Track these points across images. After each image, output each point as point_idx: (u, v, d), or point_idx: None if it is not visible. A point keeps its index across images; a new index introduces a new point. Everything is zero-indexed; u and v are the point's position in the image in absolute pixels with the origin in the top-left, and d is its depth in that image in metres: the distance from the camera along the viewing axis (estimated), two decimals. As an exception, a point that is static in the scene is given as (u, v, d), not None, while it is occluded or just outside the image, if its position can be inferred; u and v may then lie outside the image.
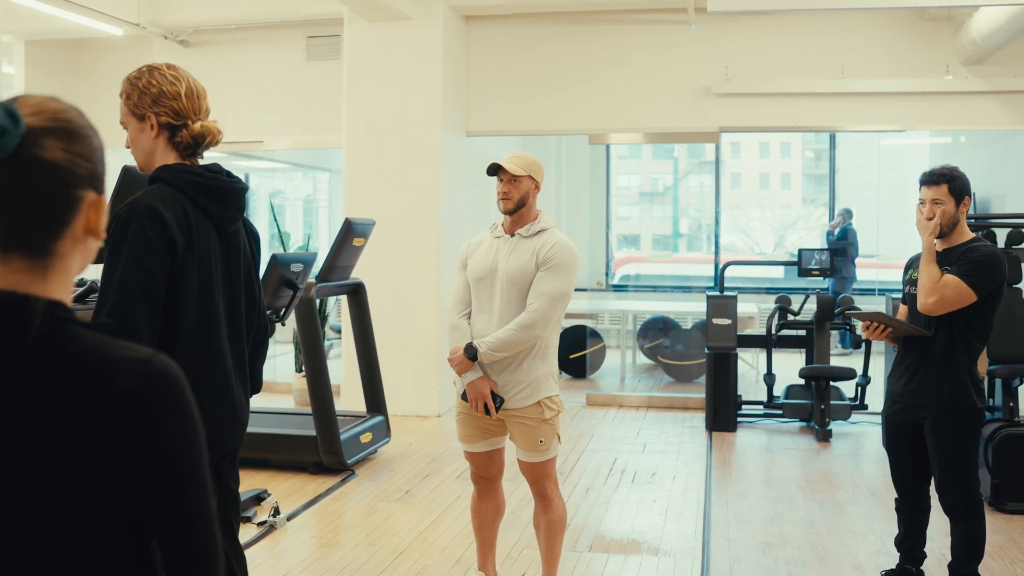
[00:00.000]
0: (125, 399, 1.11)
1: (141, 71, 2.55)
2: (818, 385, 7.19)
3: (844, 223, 11.26)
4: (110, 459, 1.11)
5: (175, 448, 1.14)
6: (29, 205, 1.11)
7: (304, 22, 8.50)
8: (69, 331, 1.14)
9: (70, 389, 1.10)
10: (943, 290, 3.63)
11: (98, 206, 1.17)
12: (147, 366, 1.14)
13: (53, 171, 1.12)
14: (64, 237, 1.15)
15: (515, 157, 3.76)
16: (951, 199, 3.71)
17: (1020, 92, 7.57)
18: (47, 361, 1.11)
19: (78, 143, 1.15)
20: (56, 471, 1.09)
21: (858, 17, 7.74)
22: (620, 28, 8.19)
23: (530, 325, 3.61)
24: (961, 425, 3.74)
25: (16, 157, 1.09)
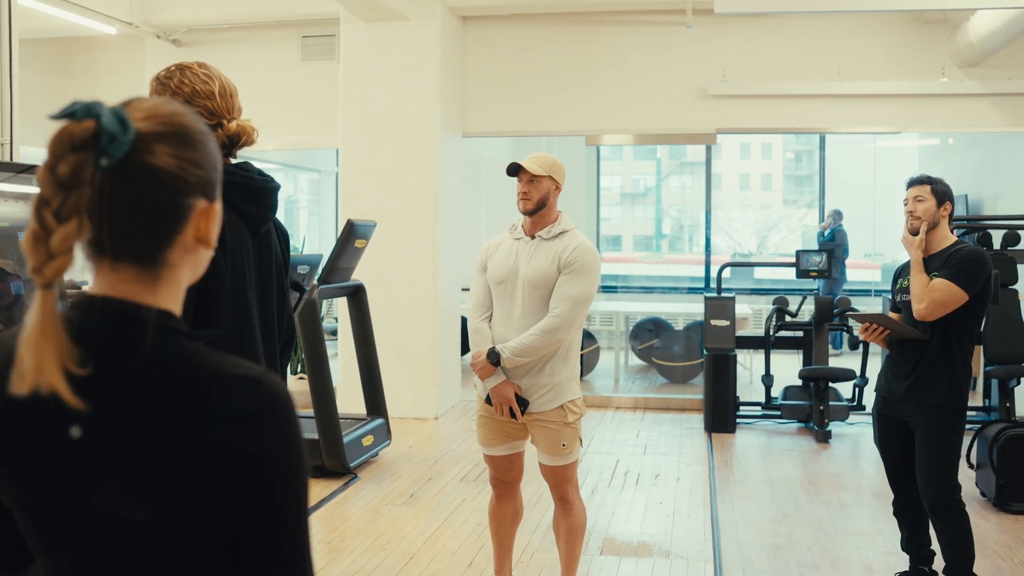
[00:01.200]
0: (234, 419, 1.07)
1: (171, 70, 2.50)
2: (817, 386, 7.21)
3: (834, 224, 11.31)
4: (214, 480, 1.07)
5: (281, 473, 1.10)
6: (138, 213, 1.07)
7: (299, 22, 8.45)
8: (180, 344, 1.11)
9: (179, 405, 1.07)
10: (932, 293, 3.72)
11: (209, 214, 1.13)
12: (258, 385, 1.09)
13: (163, 178, 1.08)
14: (174, 246, 1.11)
15: (536, 157, 3.73)
16: (932, 198, 3.84)
17: (1015, 94, 7.63)
18: (157, 374, 1.08)
19: (190, 149, 1.11)
20: (159, 490, 1.06)
21: (855, 19, 7.78)
22: (617, 29, 8.19)
23: (553, 329, 3.59)
24: (950, 423, 3.82)
25: (125, 163, 1.05)
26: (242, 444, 1.07)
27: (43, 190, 1.02)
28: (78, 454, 1.07)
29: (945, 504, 3.81)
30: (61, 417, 1.06)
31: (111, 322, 1.08)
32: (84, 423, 1.07)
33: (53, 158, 1.03)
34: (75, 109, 1.04)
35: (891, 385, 3.95)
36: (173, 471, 1.06)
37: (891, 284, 4.17)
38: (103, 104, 1.05)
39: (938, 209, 3.85)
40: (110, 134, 1.03)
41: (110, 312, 1.09)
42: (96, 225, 1.05)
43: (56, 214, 1.02)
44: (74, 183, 1.02)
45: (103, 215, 1.05)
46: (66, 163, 1.02)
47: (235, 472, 1.07)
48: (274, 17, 8.33)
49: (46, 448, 1.08)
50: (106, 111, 1.04)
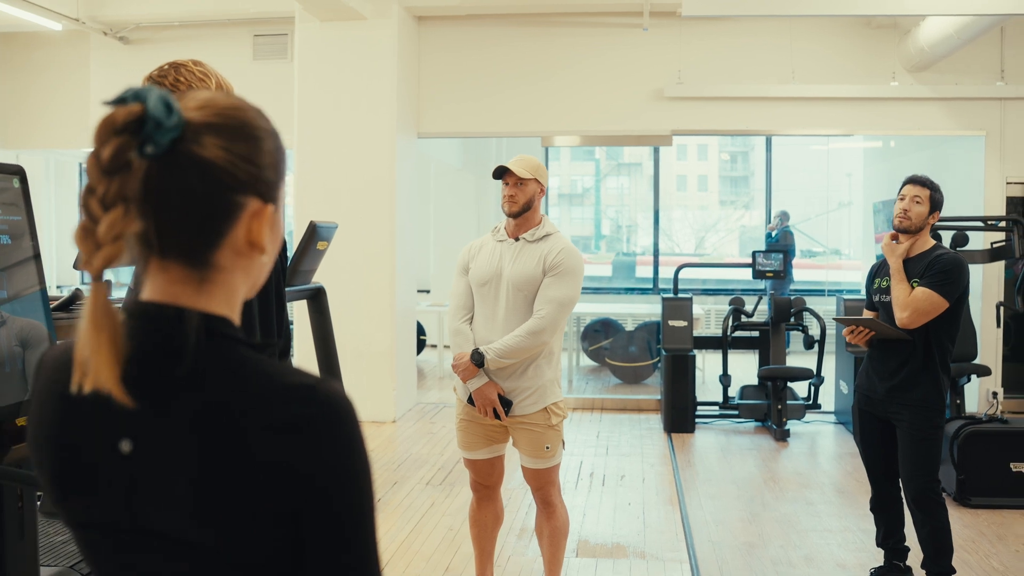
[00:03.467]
0: (290, 429, 1.00)
1: (164, 69, 2.43)
2: (775, 385, 7.30)
3: (782, 225, 11.48)
4: (270, 496, 0.99)
5: (341, 487, 1.02)
6: (184, 207, 1.01)
7: (251, 20, 8.30)
8: (232, 351, 1.05)
9: (230, 415, 1.00)
10: (915, 303, 3.82)
11: (261, 216, 1.06)
12: (315, 393, 1.02)
13: (209, 172, 1.01)
14: (223, 247, 1.04)
15: (521, 160, 3.71)
16: (928, 204, 3.91)
17: (961, 99, 7.82)
18: (205, 382, 1.02)
19: (243, 143, 1.04)
20: (212, 508, 0.99)
21: (809, 23, 7.90)
22: (573, 31, 8.20)
23: (538, 331, 3.57)
24: (931, 421, 3.91)
25: (173, 154, 0.99)
26: (298, 457, 0.99)
27: (90, 178, 0.98)
28: (129, 470, 1.01)
29: (927, 497, 3.89)
30: (113, 431, 1.01)
31: (156, 327, 1.03)
32: (135, 437, 1.01)
33: (98, 143, 0.97)
34: (126, 95, 0.98)
35: (873, 384, 4.02)
36: (226, 488, 0.99)
37: (867, 283, 4.25)
38: (154, 89, 0.99)
39: (929, 216, 3.92)
40: (155, 119, 0.97)
41: (154, 317, 1.03)
42: (143, 218, 0.99)
43: (102, 201, 0.96)
44: (117, 168, 0.96)
45: (148, 207, 0.99)
46: (109, 147, 0.96)
47: (292, 487, 0.99)
48: (225, 15, 8.17)
49: (98, 464, 1.03)
50: (153, 95, 0.98)
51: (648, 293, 12.84)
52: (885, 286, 4.04)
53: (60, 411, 1.05)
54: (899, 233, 3.99)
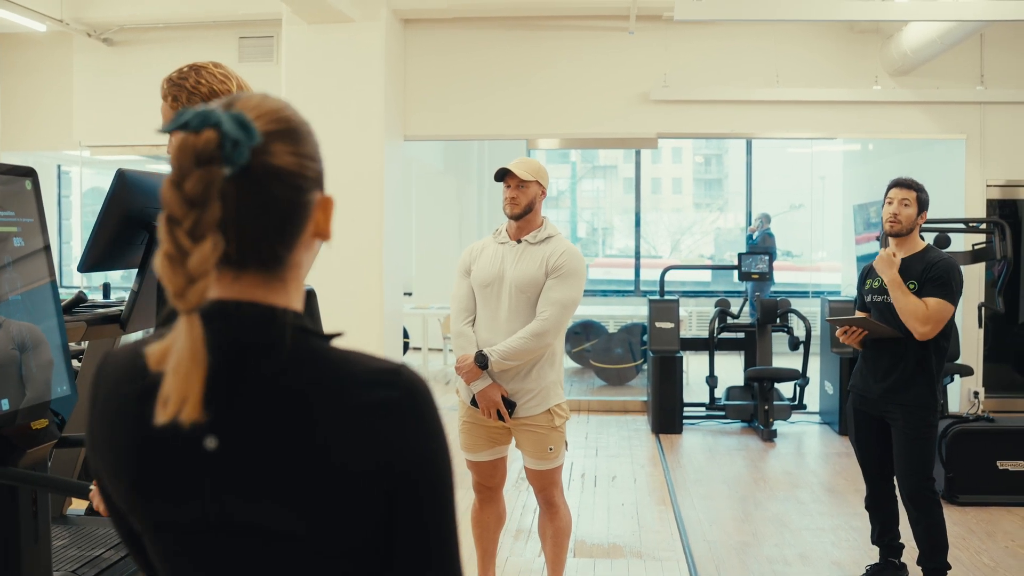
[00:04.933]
0: (379, 413, 1.02)
1: (184, 71, 2.43)
2: (762, 386, 7.37)
3: (763, 227, 11.57)
4: (362, 478, 1.02)
5: (433, 466, 1.05)
6: (264, 218, 1.02)
7: (236, 22, 8.26)
8: (314, 343, 1.06)
9: (321, 403, 1.02)
10: (935, 315, 3.87)
11: (325, 206, 1.09)
12: (399, 377, 1.05)
13: (285, 178, 1.03)
14: (298, 245, 1.07)
15: (524, 162, 3.73)
16: (916, 205, 3.98)
17: (942, 103, 7.92)
18: (297, 375, 1.03)
19: (303, 143, 1.06)
20: (306, 495, 1.01)
21: (793, 27, 7.97)
22: (559, 34, 8.23)
23: (542, 333, 3.59)
24: (926, 420, 3.97)
25: (247, 169, 1.00)
26: (388, 438, 1.02)
27: (171, 208, 0.96)
28: (216, 466, 1.02)
29: (922, 495, 3.95)
30: (196, 428, 1.01)
31: (248, 326, 1.04)
32: (220, 432, 1.02)
33: (179, 174, 0.96)
34: (188, 119, 0.98)
35: (868, 384, 4.08)
36: (320, 473, 1.01)
37: (859, 284, 4.30)
38: (216, 110, 0.99)
39: (918, 217, 3.99)
40: (233, 140, 0.98)
41: (246, 316, 1.04)
42: (225, 238, 1.00)
43: (190, 234, 0.96)
44: (205, 199, 0.96)
45: (230, 226, 1.00)
46: (194, 179, 0.96)
47: (381, 470, 1.02)
48: (211, 17, 8.13)
49: (183, 463, 1.04)
50: (225, 118, 0.98)
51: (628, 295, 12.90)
52: (877, 287, 4.10)
53: (136, 415, 1.05)
54: (891, 237, 4.05)
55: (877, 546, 4.29)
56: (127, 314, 3.79)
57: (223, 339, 1.02)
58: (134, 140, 8.53)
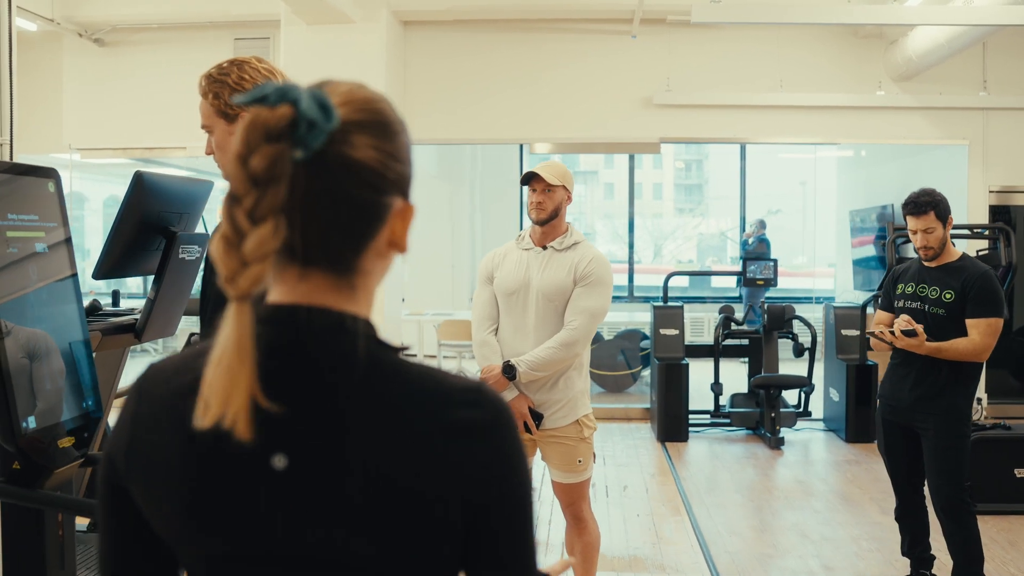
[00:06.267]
0: (464, 435, 0.94)
1: (225, 67, 2.29)
2: (769, 393, 7.29)
3: (758, 233, 11.52)
4: (446, 504, 0.93)
5: (516, 490, 0.97)
6: (334, 213, 0.92)
7: (231, 23, 8.11)
8: (390, 356, 0.96)
9: (401, 421, 0.93)
10: (990, 339, 3.82)
11: (406, 215, 0.98)
12: (481, 396, 0.96)
13: (362, 174, 0.93)
14: (368, 251, 0.96)
15: (551, 166, 3.62)
16: (939, 223, 3.89)
17: (945, 108, 7.89)
18: (374, 391, 0.93)
19: (390, 140, 0.96)
20: (381, 521, 0.91)
21: (796, 32, 7.92)
22: (562, 37, 8.14)
23: (571, 343, 3.49)
24: (958, 429, 3.89)
25: (321, 156, 0.90)
26: (472, 462, 0.94)
27: (234, 186, 0.89)
28: (284, 490, 0.92)
29: (957, 507, 3.86)
30: (262, 447, 0.91)
31: (317, 335, 0.94)
32: (290, 451, 0.92)
33: (246, 149, 0.88)
34: (267, 93, 0.89)
35: (898, 393, 3.99)
36: (399, 497, 0.91)
37: (888, 286, 4.20)
38: (299, 87, 0.90)
39: (945, 229, 3.91)
40: (309, 121, 0.89)
41: (315, 324, 0.94)
42: (289, 227, 0.91)
43: (250, 215, 0.88)
44: (270, 178, 0.88)
45: (295, 215, 0.91)
46: (261, 155, 0.88)
47: (466, 493, 0.93)
48: (206, 18, 7.98)
49: (244, 486, 0.93)
50: (305, 95, 0.89)
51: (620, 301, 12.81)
52: (911, 292, 4.01)
53: (191, 431, 0.93)
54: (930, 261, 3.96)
55: (908, 558, 4.21)
56: (143, 323, 3.65)
57: (287, 344, 0.93)
58: (126, 143, 8.36)
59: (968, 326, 3.85)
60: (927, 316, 3.91)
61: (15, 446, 2.32)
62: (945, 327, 3.87)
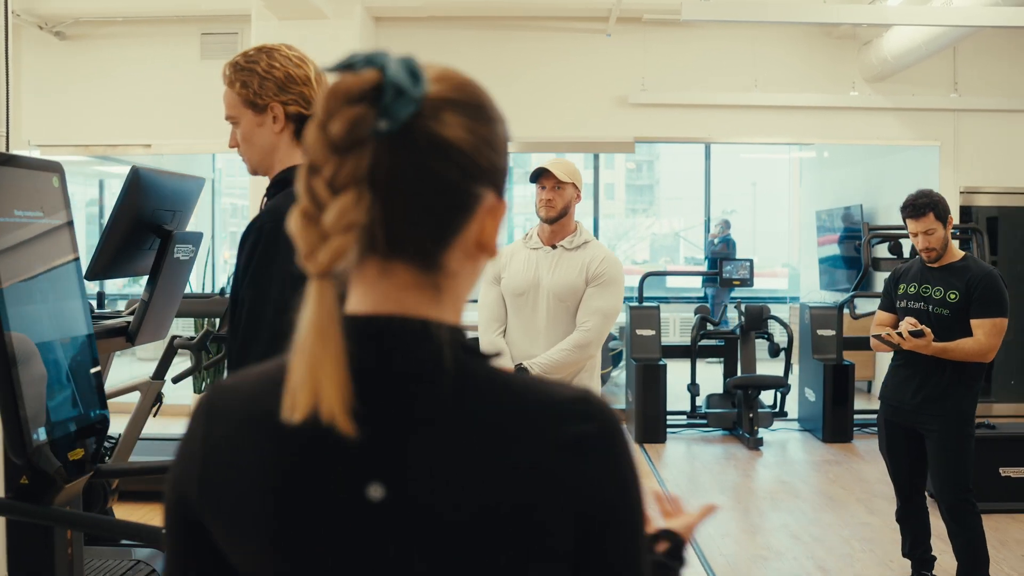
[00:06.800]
0: (575, 449, 0.85)
1: (252, 54, 2.17)
2: (746, 394, 7.28)
3: (724, 233, 11.56)
4: (557, 523, 0.84)
5: (630, 503, 0.89)
6: (418, 196, 0.83)
7: (198, 18, 7.91)
8: (485, 367, 0.88)
9: (504, 442, 0.84)
10: (995, 339, 3.81)
11: (497, 214, 0.89)
12: (591, 407, 0.88)
13: (450, 154, 0.84)
14: (454, 247, 0.87)
15: (560, 163, 3.54)
16: (939, 223, 3.87)
17: (917, 109, 7.96)
18: (467, 405, 0.84)
19: (485, 125, 0.87)
20: (488, 549, 0.83)
21: (771, 32, 7.93)
22: (535, 35, 8.06)
23: (585, 344, 3.41)
24: (963, 430, 3.88)
25: (408, 130, 0.82)
26: (587, 475, 0.85)
27: (312, 154, 0.82)
28: (382, 520, 0.83)
29: (962, 508, 3.86)
30: (354, 474, 0.83)
31: (398, 346, 0.85)
32: (386, 479, 0.83)
33: (325, 114, 0.82)
34: (354, 60, 0.82)
35: (901, 395, 3.97)
36: (506, 522, 0.83)
37: (890, 287, 4.18)
38: (388, 54, 0.83)
39: (946, 230, 3.89)
40: (396, 86, 0.81)
41: (395, 333, 0.85)
42: (369, 208, 0.82)
43: (330, 184, 0.81)
44: (351, 144, 0.81)
45: (377, 194, 0.82)
46: (340, 119, 0.81)
47: (581, 507, 0.85)
48: (173, 12, 7.77)
49: (335, 519, 0.84)
50: (392, 60, 0.82)
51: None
52: (913, 292, 3.99)
53: (270, 456, 0.85)
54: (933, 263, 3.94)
55: (909, 559, 4.20)
56: (136, 326, 3.49)
57: (368, 362, 0.84)
58: (88, 139, 8.11)
59: (973, 326, 3.84)
60: (931, 316, 3.90)
61: (25, 459, 2.18)
62: (949, 327, 3.86)
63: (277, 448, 0.85)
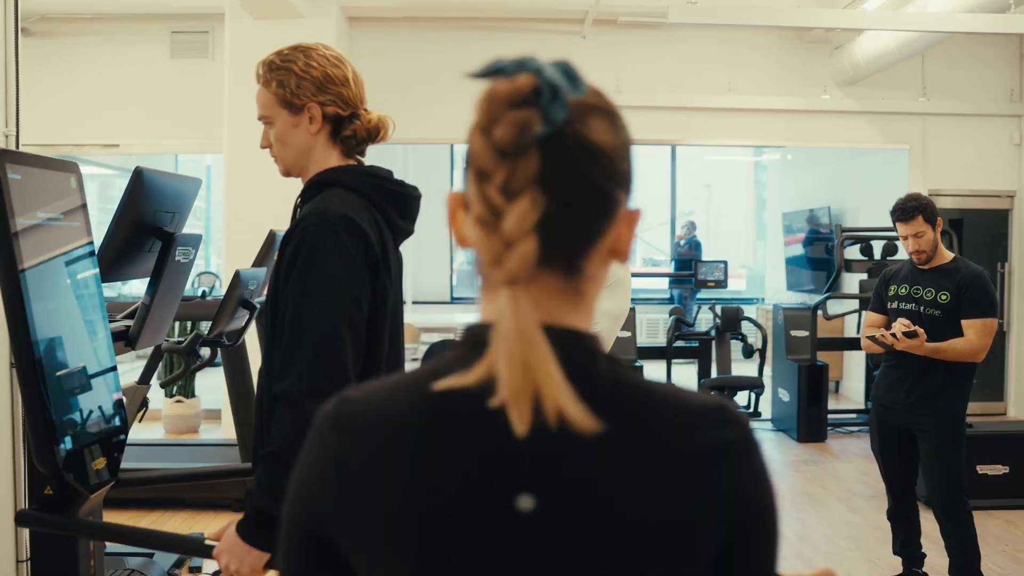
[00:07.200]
0: (717, 456, 0.85)
1: (287, 53, 2.11)
2: (722, 395, 7.34)
3: (690, 234, 11.66)
4: (703, 531, 0.85)
5: (769, 509, 0.90)
6: (572, 201, 0.83)
7: (168, 16, 7.80)
8: (629, 376, 0.87)
9: (655, 450, 0.84)
10: (985, 339, 3.87)
11: (632, 220, 0.89)
12: (727, 414, 0.88)
13: (600, 160, 0.84)
14: (594, 253, 0.87)
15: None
16: (928, 226, 3.94)
17: (887, 113, 8.09)
18: (620, 417, 0.84)
19: (622, 131, 0.88)
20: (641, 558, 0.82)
21: (746, 36, 8.00)
22: (510, 36, 8.05)
23: (594, 346, 3.40)
24: (955, 429, 3.95)
25: (559, 135, 0.82)
26: (728, 482, 0.86)
27: (480, 161, 0.82)
28: (531, 534, 0.82)
29: (955, 507, 3.92)
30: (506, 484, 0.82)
31: (573, 354, 0.84)
32: (537, 489, 0.82)
33: (488, 120, 0.82)
34: (503, 65, 0.84)
35: (894, 395, 4.03)
36: (655, 532, 0.83)
37: (880, 288, 4.23)
38: (535, 59, 0.84)
39: (935, 231, 3.96)
40: (554, 88, 0.81)
41: (557, 343, 0.83)
42: (543, 210, 0.82)
43: (503, 189, 0.81)
44: (519, 148, 0.81)
45: (547, 196, 0.82)
46: (506, 124, 0.81)
47: (725, 514, 0.85)
48: (142, 9, 7.64)
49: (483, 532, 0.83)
50: (546, 64, 0.83)
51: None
52: (904, 294, 4.05)
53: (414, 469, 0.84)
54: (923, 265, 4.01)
55: (900, 556, 4.26)
56: (137, 330, 3.42)
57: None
58: (54, 139, 7.93)
59: (964, 327, 3.90)
60: (922, 317, 3.96)
61: (54, 468, 2.12)
62: (941, 328, 3.92)
63: (421, 460, 0.84)
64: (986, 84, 8.20)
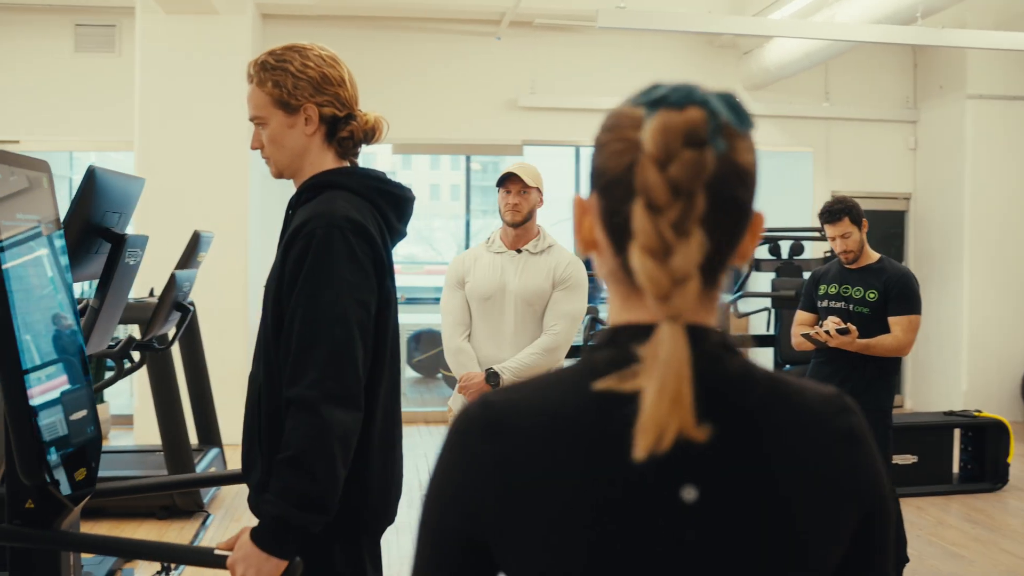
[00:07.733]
0: (851, 441, 0.91)
1: (281, 53, 2.05)
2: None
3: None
4: (848, 516, 0.90)
5: (887, 492, 0.95)
6: (726, 224, 0.88)
7: (72, 8, 7.49)
8: (764, 371, 0.93)
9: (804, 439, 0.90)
10: (911, 334, 4.06)
11: (758, 227, 0.94)
12: (848, 400, 0.94)
13: (748, 181, 0.89)
14: (729, 263, 0.92)
15: (525, 167, 3.56)
16: (854, 227, 4.13)
17: (793, 117, 8.38)
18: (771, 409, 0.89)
19: (753, 148, 0.93)
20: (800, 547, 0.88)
21: (658, 40, 8.15)
22: (426, 36, 8.03)
23: (555, 348, 3.45)
24: (883, 421, 4.13)
25: (721, 160, 0.86)
26: (861, 466, 0.92)
27: (655, 195, 0.83)
28: (691, 526, 0.86)
29: None
30: (664, 476, 0.86)
31: (715, 358, 0.88)
32: (697, 479, 0.86)
33: (664, 154, 0.83)
34: (665, 93, 0.86)
35: None
36: (810, 519, 0.88)
37: (810, 288, 4.38)
38: (698, 87, 0.88)
39: (861, 232, 4.13)
40: (720, 125, 0.85)
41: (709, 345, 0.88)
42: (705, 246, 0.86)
43: (676, 226, 0.83)
44: (692, 188, 0.83)
45: (708, 233, 0.86)
46: (683, 163, 0.83)
47: (860, 499, 0.91)
48: (44, 0, 7.31)
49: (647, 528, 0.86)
50: (712, 96, 0.87)
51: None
52: (834, 293, 4.21)
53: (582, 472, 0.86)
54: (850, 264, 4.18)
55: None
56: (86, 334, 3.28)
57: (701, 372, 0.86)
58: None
59: (891, 323, 4.08)
60: (851, 315, 4.12)
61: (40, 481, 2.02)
62: (869, 325, 4.09)
63: (593, 455, 0.86)
64: (884, 91, 8.59)
